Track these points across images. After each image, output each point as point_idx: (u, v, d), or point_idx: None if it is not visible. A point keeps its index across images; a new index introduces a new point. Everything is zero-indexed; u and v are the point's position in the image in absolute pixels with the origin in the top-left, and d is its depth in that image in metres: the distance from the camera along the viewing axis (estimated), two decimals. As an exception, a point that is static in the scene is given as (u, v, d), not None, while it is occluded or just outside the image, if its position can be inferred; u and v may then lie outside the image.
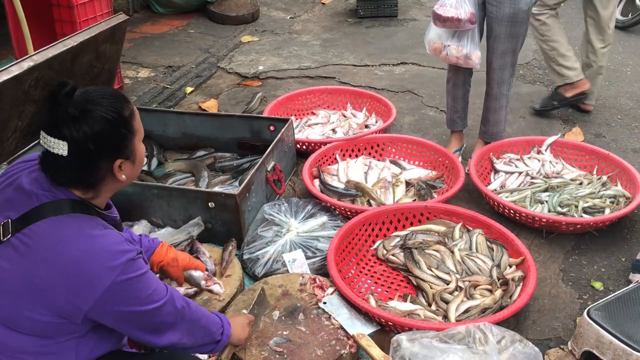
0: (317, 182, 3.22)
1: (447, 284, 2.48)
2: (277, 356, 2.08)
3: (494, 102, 3.35)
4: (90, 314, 1.50)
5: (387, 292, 2.56)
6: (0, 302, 1.50)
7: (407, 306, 2.38)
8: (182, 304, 1.67)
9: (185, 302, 1.70)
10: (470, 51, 3.12)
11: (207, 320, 1.78)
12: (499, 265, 2.57)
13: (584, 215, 2.94)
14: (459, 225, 2.79)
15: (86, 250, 1.48)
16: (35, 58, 2.89)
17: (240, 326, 1.97)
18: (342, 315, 2.27)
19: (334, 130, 3.85)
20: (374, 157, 3.54)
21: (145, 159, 3.48)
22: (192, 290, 2.35)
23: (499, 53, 3.17)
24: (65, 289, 1.46)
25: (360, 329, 2.20)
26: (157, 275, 2.08)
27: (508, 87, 3.31)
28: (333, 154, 3.48)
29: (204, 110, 4.27)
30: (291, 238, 2.72)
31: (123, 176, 1.61)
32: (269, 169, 2.99)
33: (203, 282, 2.28)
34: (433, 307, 2.40)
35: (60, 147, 1.52)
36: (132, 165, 1.64)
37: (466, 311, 2.34)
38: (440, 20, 3.08)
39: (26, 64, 2.82)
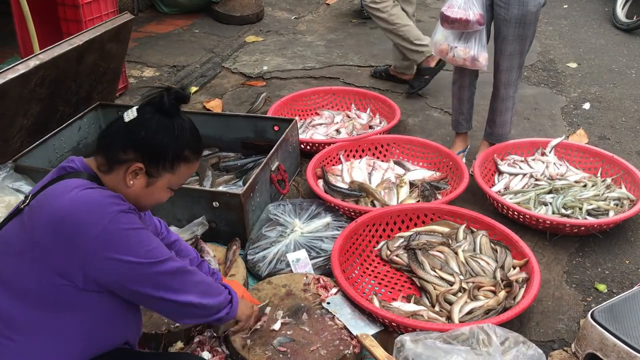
0: (321, 182, 3.22)
1: (451, 285, 2.48)
2: (280, 356, 2.08)
3: (501, 103, 3.35)
4: (87, 269, 1.49)
5: (390, 292, 2.56)
6: (6, 267, 1.54)
7: (411, 307, 2.38)
8: (186, 264, 1.66)
9: (188, 267, 1.68)
10: (478, 53, 3.12)
11: (211, 282, 1.77)
12: (502, 267, 2.57)
13: (588, 217, 2.93)
14: (463, 226, 2.79)
15: (75, 201, 1.51)
16: (41, 57, 2.90)
17: (244, 303, 1.96)
18: (346, 316, 2.27)
19: (338, 131, 3.86)
20: (378, 157, 3.54)
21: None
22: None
23: (506, 55, 3.17)
24: (59, 243, 1.48)
25: (364, 329, 2.21)
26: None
27: (515, 89, 3.31)
28: (337, 155, 3.48)
29: (209, 110, 4.27)
30: (295, 238, 2.72)
31: (131, 182, 1.61)
32: (273, 168, 3.00)
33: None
34: (436, 308, 2.40)
35: (130, 115, 1.61)
36: (144, 184, 1.63)
37: (470, 312, 2.34)
38: (448, 21, 3.07)
39: (32, 63, 2.84)
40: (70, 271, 1.49)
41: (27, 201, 1.59)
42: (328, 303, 2.32)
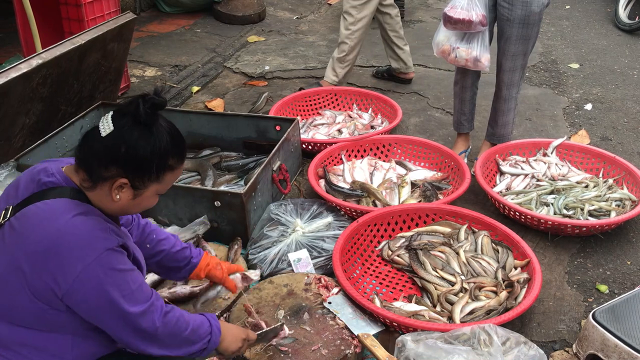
0: (322, 182, 3.22)
1: (452, 285, 2.48)
2: (281, 355, 2.08)
3: (503, 104, 3.35)
4: (66, 300, 1.47)
5: (391, 292, 2.56)
6: None
7: (412, 307, 2.38)
8: (161, 319, 1.59)
9: (166, 315, 1.61)
10: (480, 54, 3.11)
11: (193, 329, 1.68)
12: (504, 267, 2.57)
13: (589, 218, 2.93)
14: (465, 226, 2.79)
15: (63, 232, 1.46)
16: (44, 56, 2.91)
17: (233, 337, 1.84)
18: (347, 315, 2.27)
19: (339, 131, 3.86)
20: (379, 157, 3.54)
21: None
22: (197, 289, 2.36)
23: (509, 55, 3.17)
24: (42, 272, 1.45)
25: (365, 329, 2.21)
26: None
27: (517, 89, 3.31)
28: (339, 155, 3.48)
29: (210, 109, 4.27)
30: (297, 238, 2.72)
31: (117, 197, 1.56)
32: (274, 168, 3.00)
33: (242, 284, 2.22)
34: (438, 308, 2.40)
35: (106, 128, 1.53)
36: (130, 197, 1.58)
37: (471, 312, 2.34)
38: (450, 22, 3.06)
39: (35, 62, 2.84)
40: (49, 298, 1.47)
41: (7, 216, 1.54)
42: (329, 303, 2.32)
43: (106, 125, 1.52)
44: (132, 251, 1.65)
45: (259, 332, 2.02)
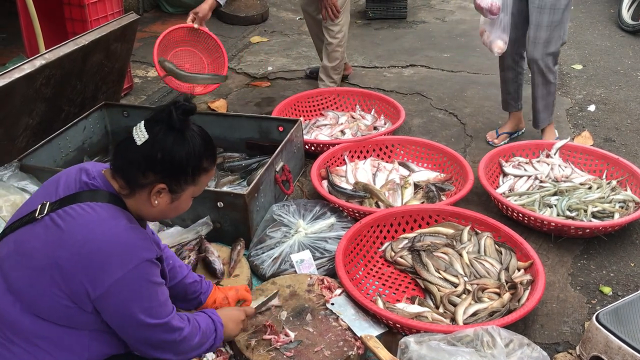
0: (325, 183, 3.22)
1: (455, 287, 2.48)
2: (284, 356, 2.08)
3: (538, 90, 3.50)
4: (96, 303, 1.52)
5: (394, 294, 2.56)
6: (22, 279, 1.53)
7: (415, 308, 2.37)
8: (179, 333, 1.66)
9: (182, 330, 1.68)
10: (493, 39, 3.32)
11: (203, 333, 1.76)
12: (507, 269, 2.56)
13: (593, 219, 2.92)
14: (468, 228, 2.78)
15: (109, 238, 1.52)
16: (47, 56, 2.91)
17: (234, 323, 1.94)
18: (350, 316, 2.27)
19: (342, 132, 3.86)
20: (382, 158, 3.54)
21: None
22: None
23: (540, 42, 3.30)
24: (81, 272, 1.50)
25: (368, 331, 2.20)
26: None
27: (553, 75, 3.46)
28: (341, 155, 3.48)
29: (213, 110, 4.28)
30: (299, 239, 2.72)
31: (156, 202, 1.63)
32: (277, 169, 3.00)
33: None
34: (441, 310, 2.39)
35: (140, 137, 1.58)
36: (168, 202, 1.65)
37: (474, 314, 2.34)
38: (475, 7, 3.31)
39: (38, 62, 2.85)
40: (81, 299, 1.52)
41: (45, 211, 1.58)
42: (332, 304, 2.32)
43: (140, 134, 1.58)
44: (164, 264, 1.71)
45: (257, 305, 2.13)
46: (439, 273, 2.55)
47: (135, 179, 1.60)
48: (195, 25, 3.96)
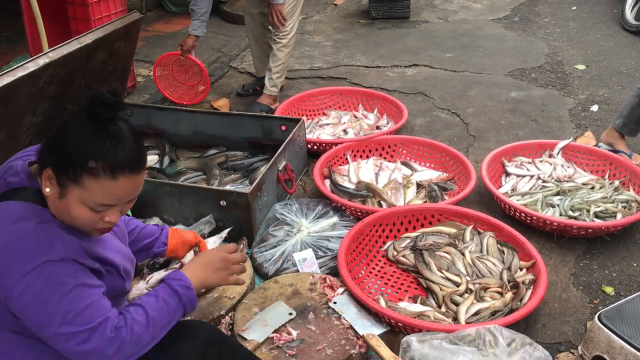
0: (327, 182, 3.22)
1: (457, 286, 2.48)
2: (287, 355, 2.08)
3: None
4: (8, 306, 1.42)
5: (397, 293, 2.56)
6: None
7: (417, 307, 2.38)
8: (111, 343, 1.44)
9: (115, 339, 1.45)
10: None
11: (152, 327, 1.54)
12: (509, 268, 2.56)
13: (595, 219, 2.92)
14: (470, 227, 2.78)
15: (8, 240, 1.42)
16: (51, 55, 2.91)
17: (212, 269, 1.75)
18: (352, 315, 2.27)
19: (345, 131, 3.86)
20: (385, 158, 3.54)
21: (157, 157, 3.50)
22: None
23: None
24: None
25: (370, 329, 2.21)
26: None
27: None
28: (344, 155, 3.48)
29: (216, 109, 4.28)
30: (302, 238, 2.72)
31: (47, 189, 1.47)
32: (280, 168, 3.00)
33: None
34: (443, 309, 2.39)
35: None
36: (57, 196, 1.46)
37: (476, 313, 2.34)
38: None
39: (42, 61, 2.84)
40: None
41: None
42: (334, 303, 2.32)
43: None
44: (104, 258, 1.57)
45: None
46: (441, 272, 2.56)
47: (38, 157, 1.50)
48: (182, 57, 4.26)
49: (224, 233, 2.66)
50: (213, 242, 2.55)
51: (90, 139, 1.43)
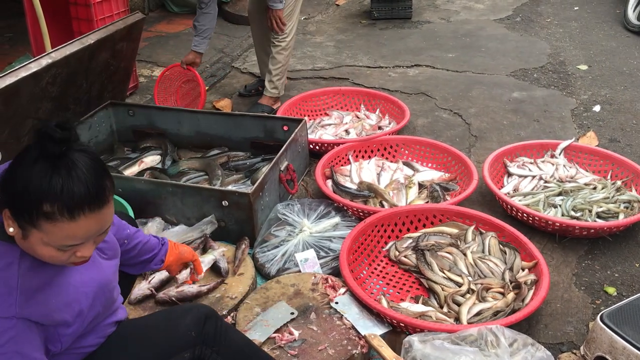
0: (329, 182, 3.22)
1: (459, 287, 2.48)
2: (288, 354, 2.09)
3: None
4: None
5: (398, 293, 2.56)
6: None
7: (419, 308, 2.38)
8: None
9: None
10: None
11: None
12: (511, 269, 2.56)
13: (597, 220, 2.92)
14: (472, 227, 2.78)
15: None
16: (53, 55, 2.92)
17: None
18: (354, 315, 2.27)
19: (347, 131, 3.86)
20: (386, 158, 3.54)
21: (160, 157, 3.50)
22: (205, 288, 2.37)
23: None
24: None
25: (372, 329, 2.21)
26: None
27: None
28: (346, 155, 3.49)
29: (218, 109, 4.29)
30: (304, 238, 2.73)
31: (10, 229, 1.34)
32: (282, 168, 3.00)
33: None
34: (445, 309, 2.39)
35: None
36: (20, 236, 1.35)
37: (478, 314, 2.34)
38: None
39: (44, 61, 2.85)
40: None
41: None
42: (336, 303, 2.33)
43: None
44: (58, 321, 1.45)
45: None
46: (443, 272, 2.56)
47: None
48: (184, 67, 4.17)
49: (219, 254, 2.59)
50: (208, 263, 2.51)
51: (41, 179, 1.28)
